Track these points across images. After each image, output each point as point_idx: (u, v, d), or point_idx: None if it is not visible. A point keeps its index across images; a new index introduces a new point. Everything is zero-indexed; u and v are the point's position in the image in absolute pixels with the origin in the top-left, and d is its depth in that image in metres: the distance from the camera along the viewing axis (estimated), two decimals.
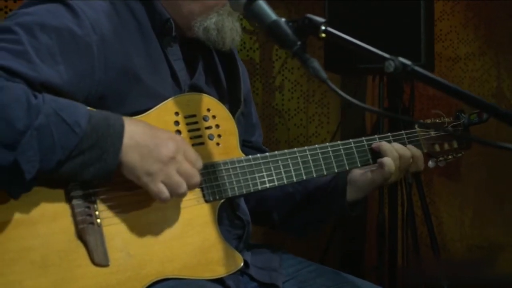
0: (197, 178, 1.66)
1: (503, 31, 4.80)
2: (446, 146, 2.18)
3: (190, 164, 1.65)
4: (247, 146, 2.06)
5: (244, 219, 1.94)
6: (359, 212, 2.08)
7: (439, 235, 4.11)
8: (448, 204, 4.75)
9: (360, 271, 4.29)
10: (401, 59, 1.38)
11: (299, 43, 1.51)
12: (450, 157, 2.21)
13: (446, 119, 2.22)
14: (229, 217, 1.90)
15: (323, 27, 1.50)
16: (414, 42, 3.37)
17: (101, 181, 1.60)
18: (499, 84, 4.87)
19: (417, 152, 2.05)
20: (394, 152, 1.98)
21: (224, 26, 1.85)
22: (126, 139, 1.58)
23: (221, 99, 1.91)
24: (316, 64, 1.48)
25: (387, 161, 1.96)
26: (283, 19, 1.55)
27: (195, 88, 1.88)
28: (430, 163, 2.18)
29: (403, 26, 3.40)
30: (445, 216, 4.74)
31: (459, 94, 1.37)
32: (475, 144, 2.28)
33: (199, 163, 1.68)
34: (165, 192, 1.61)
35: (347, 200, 2.02)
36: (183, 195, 1.65)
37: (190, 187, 1.66)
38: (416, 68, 1.37)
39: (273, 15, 1.56)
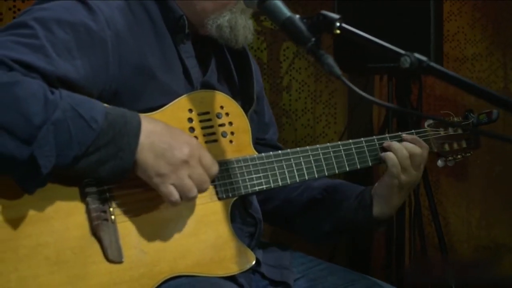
0: (207, 184, 1.66)
1: (511, 31, 4.79)
2: (455, 145, 2.18)
3: (204, 169, 1.65)
4: (260, 143, 2.06)
5: (256, 217, 1.94)
6: (384, 227, 2.09)
7: (446, 236, 4.09)
8: (455, 204, 4.74)
9: (368, 270, 4.28)
10: (417, 55, 1.38)
11: (313, 39, 1.51)
12: (459, 156, 2.21)
13: (455, 119, 2.22)
14: (241, 215, 1.90)
15: (337, 24, 1.50)
16: (423, 42, 3.35)
17: (117, 178, 1.60)
18: (506, 85, 4.86)
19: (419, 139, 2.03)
20: (404, 150, 1.97)
21: (237, 24, 1.85)
22: (143, 138, 1.58)
23: (234, 96, 1.91)
24: (330, 60, 1.48)
25: (389, 155, 1.96)
26: (297, 16, 1.56)
27: (207, 86, 1.88)
28: (440, 163, 2.18)
29: (412, 26, 3.39)
30: (452, 216, 4.73)
31: (474, 89, 1.36)
32: (483, 144, 2.28)
33: (215, 169, 1.68)
34: (175, 195, 1.61)
35: (373, 215, 2.00)
36: (193, 199, 1.65)
37: (201, 192, 1.66)
38: (432, 64, 1.37)
39: (287, 12, 1.57)
